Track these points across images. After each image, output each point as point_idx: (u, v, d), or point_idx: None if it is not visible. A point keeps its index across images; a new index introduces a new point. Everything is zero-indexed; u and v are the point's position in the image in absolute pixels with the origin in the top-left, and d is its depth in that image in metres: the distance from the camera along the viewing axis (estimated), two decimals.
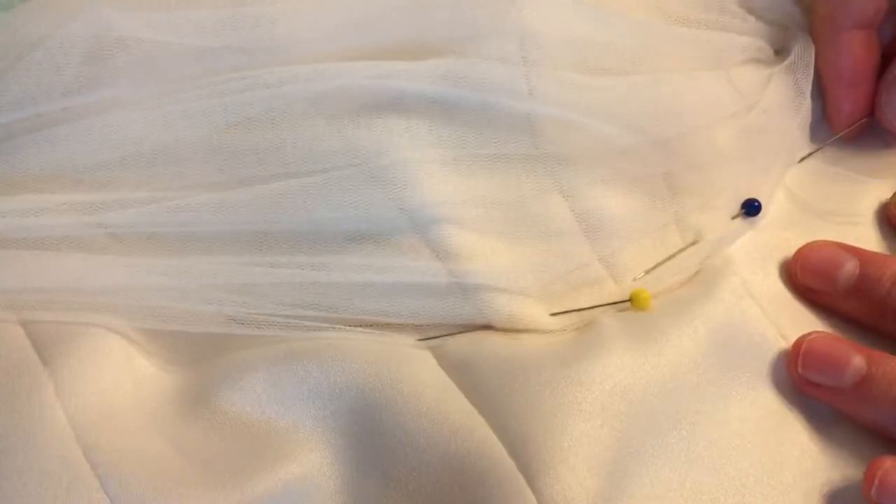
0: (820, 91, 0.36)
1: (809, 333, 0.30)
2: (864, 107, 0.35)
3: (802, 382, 0.30)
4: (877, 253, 0.32)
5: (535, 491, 0.26)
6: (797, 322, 0.32)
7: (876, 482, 0.28)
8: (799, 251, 0.32)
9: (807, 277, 0.32)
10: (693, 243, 0.32)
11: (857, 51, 0.34)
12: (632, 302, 0.30)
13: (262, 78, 0.29)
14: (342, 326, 0.29)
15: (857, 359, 0.29)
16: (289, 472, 0.26)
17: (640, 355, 0.29)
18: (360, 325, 0.29)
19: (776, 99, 0.34)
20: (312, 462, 0.27)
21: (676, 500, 0.27)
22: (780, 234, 0.33)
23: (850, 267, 0.31)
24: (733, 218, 0.33)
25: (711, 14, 0.34)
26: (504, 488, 0.26)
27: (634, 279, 0.31)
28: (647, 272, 0.31)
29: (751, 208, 0.33)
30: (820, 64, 0.35)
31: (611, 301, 0.31)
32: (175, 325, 0.29)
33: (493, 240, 0.30)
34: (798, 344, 0.30)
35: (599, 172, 0.31)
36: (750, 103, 0.34)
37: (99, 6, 0.29)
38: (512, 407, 0.27)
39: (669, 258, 0.32)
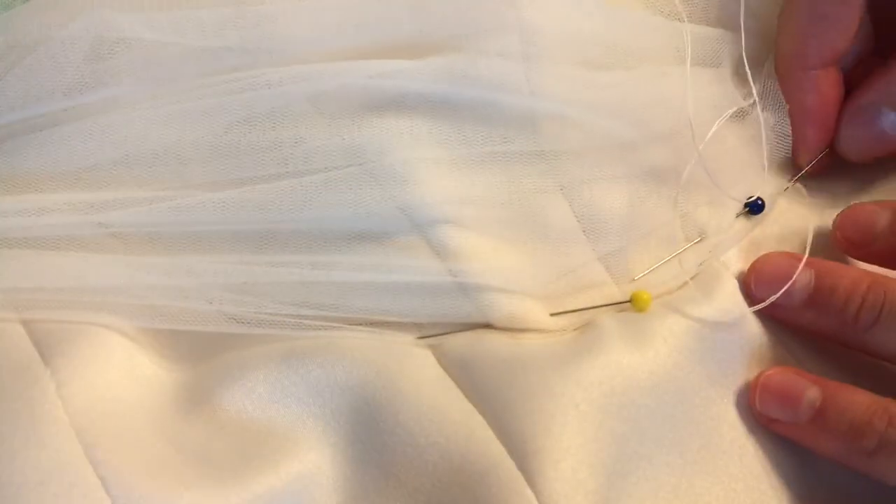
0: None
1: (767, 369, 0.30)
2: (830, 143, 0.34)
3: (762, 419, 0.30)
4: (832, 262, 0.31)
5: (534, 491, 0.26)
6: (800, 333, 0.32)
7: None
8: (753, 264, 0.32)
9: (761, 290, 0.31)
10: (696, 241, 0.32)
11: (823, 89, 0.33)
12: (632, 303, 0.30)
13: (263, 77, 0.29)
14: (342, 325, 0.29)
15: (811, 392, 0.29)
16: (289, 470, 0.26)
17: (637, 357, 0.29)
18: (361, 324, 0.29)
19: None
20: (313, 460, 0.27)
21: (672, 503, 0.27)
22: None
23: (805, 278, 0.30)
24: (737, 216, 0.33)
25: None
26: (504, 488, 0.26)
27: (634, 279, 0.31)
28: (647, 272, 0.31)
29: (754, 207, 0.33)
30: (787, 102, 0.34)
31: (610, 302, 0.31)
32: (176, 324, 0.29)
33: (494, 239, 0.30)
34: (755, 380, 0.30)
35: (601, 169, 0.31)
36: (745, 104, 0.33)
37: (100, 6, 0.29)
38: (511, 407, 0.28)
39: (671, 258, 0.31)
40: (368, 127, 0.29)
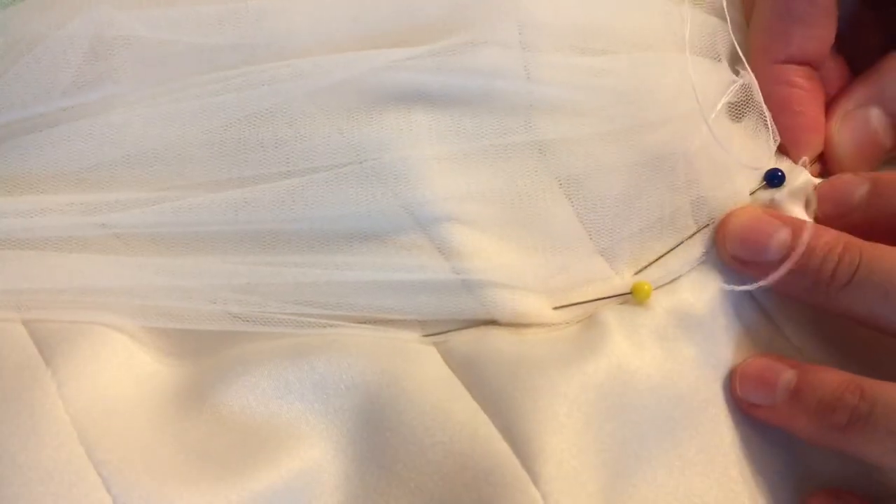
0: None
1: (748, 357, 0.30)
2: (815, 140, 0.33)
3: (744, 406, 0.30)
4: (808, 222, 0.30)
5: (539, 490, 0.26)
6: (799, 321, 0.31)
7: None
8: (726, 219, 0.31)
9: (735, 247, 0.30)
10: (705, 226, 0.31)
11: (796, 80, 0.32)
12: (633, 295, 0.30)
13: (261, 74, 0.29)
14: (347, 323, 0.29)
15: (786, 374, 0.29)
16: (291, 467, 0.26)
17: (637, 360, 0.29)
18: (365, 322, 0.29)
19: None
20: (315, 457, 0.27)
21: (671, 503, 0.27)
22: None
23: (782, 236, 0.30)
24: (752, 193, 0.32)
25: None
26: (508, 487, 0.26)
27: (638, 272, 0.31)
28: (650, 264, 0.31)
29: (773, 178, 0.31)
30: (765, 100, 0.33)
31: (612, 294, 0.30)
32: (179, 323, 0.29)
33: (496, 235, 0.30)
34: (735, 368, 0.30)
35: (601, 158, 0.31)
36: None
37: (98, 4, 0.29)
38: (515, 406, 0.27)
39: (676, 246, 0.31)
40: (368, 123, 0.29)
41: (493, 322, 0.30)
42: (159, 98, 0.29)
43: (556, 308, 0.30)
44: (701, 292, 0.30)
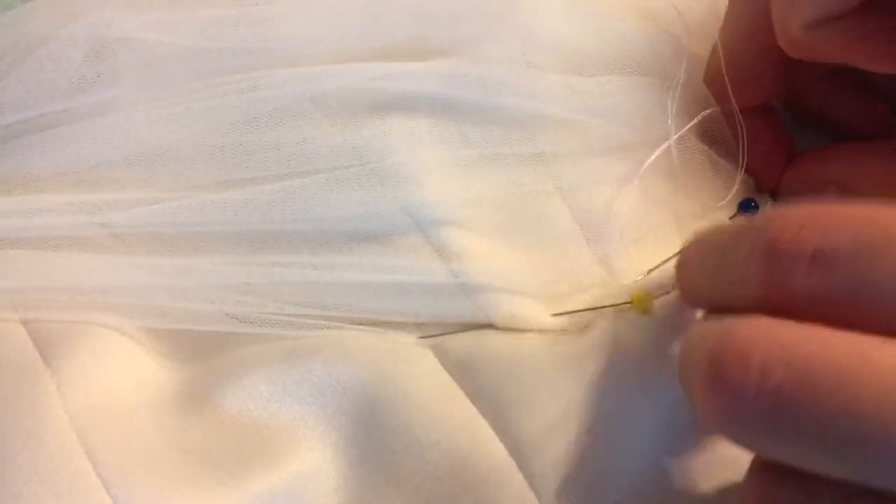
0: None
1: None
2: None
3: None
4: None
5: (535, 492, 0.26)
6: None
7: None
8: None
9: None
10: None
11: (749, 122, 0.32)
12: (633, 304, 0.30)
13: (265, 79, 0.29)
14: (344, 325, 0.29)
15: None
16: (290, 469, 0.26)
17: (634, 366, 0.29)
18: (363, 324, 0.29)
19: None
20: (314, 460, 0.27)
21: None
22: None
23: None
24: (731, 218, 0.32)
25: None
26: (505, 489, 0.26)
27: (636, 281, 0.31)
28: (651, 270, 0.31)
29: (747, 208, 0.32)
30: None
31: (611, 303, 0.31)
32: (177, 323, 0.29)
33: (495, 240, 0.30)
34: None
35: (600, 172, 0.31)
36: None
37: (100, 6, 0.29)
38: (512, 408, 0.28)
39: (671, 258, 0.31)
40: (370, 127, 0.29)
41: (490, 326, 0.30)
42: (161, 100, 0.29)
43: (554, 315, 0.30)
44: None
